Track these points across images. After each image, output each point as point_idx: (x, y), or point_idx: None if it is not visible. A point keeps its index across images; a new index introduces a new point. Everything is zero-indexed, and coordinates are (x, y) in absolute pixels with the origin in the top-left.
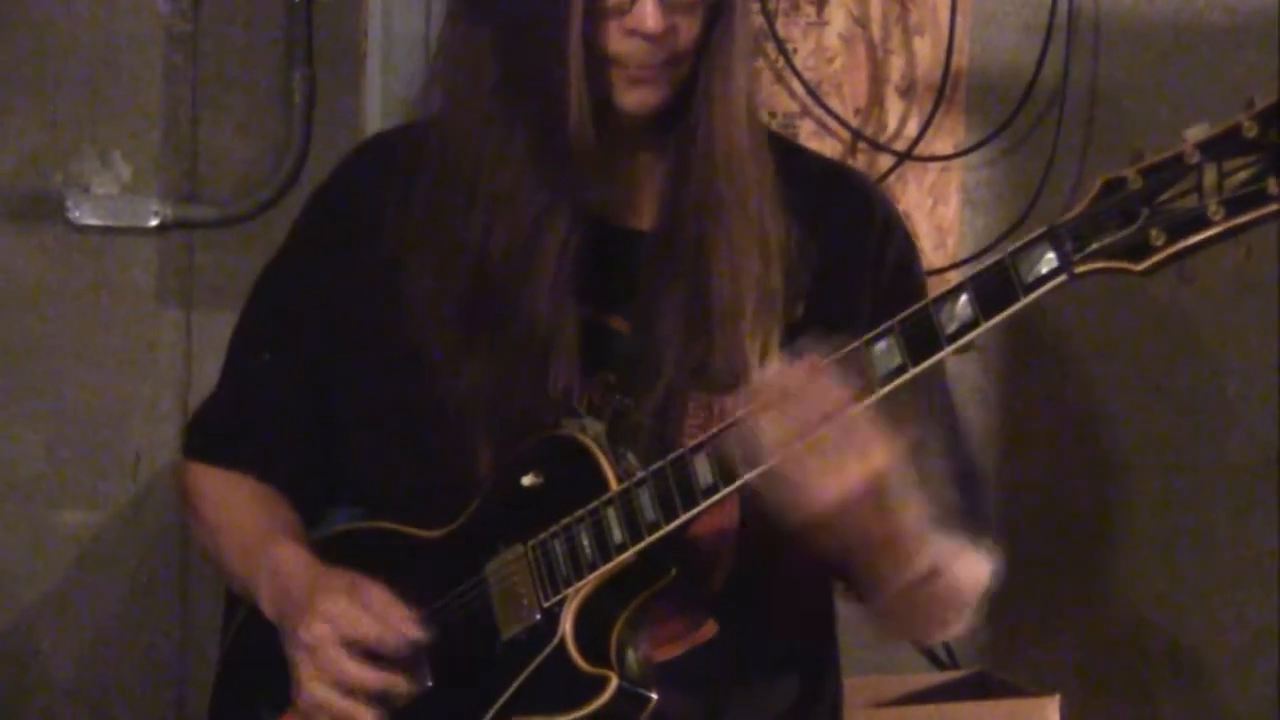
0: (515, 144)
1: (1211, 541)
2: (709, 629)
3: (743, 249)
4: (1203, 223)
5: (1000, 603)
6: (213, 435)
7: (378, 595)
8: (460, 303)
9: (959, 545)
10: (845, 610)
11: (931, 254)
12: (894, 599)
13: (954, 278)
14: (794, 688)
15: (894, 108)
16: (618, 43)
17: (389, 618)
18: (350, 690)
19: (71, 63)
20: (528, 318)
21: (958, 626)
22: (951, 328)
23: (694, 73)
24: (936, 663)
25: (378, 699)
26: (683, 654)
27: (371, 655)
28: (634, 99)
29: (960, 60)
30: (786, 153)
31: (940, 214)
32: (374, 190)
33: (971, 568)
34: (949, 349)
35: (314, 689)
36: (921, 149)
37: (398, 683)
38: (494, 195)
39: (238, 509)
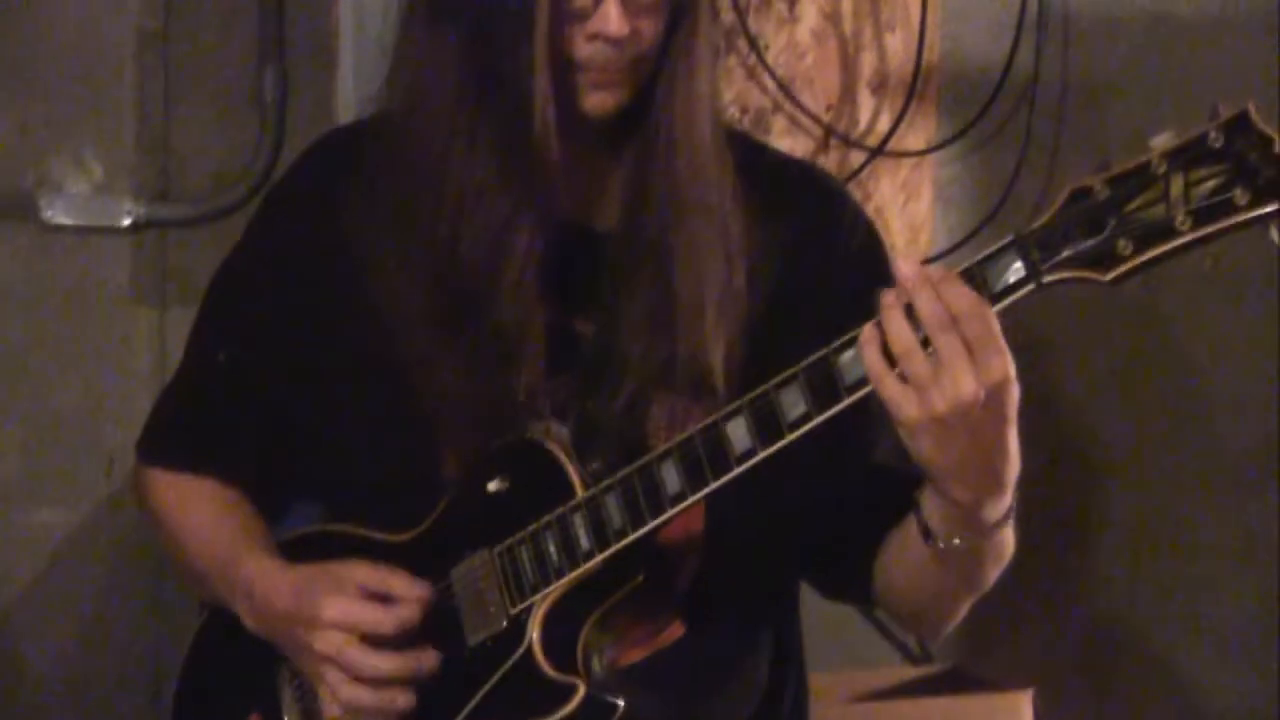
0: (480, 148)
1: (1186, 538)
2: (675, 631)
3: (705, 249)
4: (1170, 233)
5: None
6: (171, 441)
7: (367, 575)
8: (429, 305)
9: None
10: (819, 605)
11: (904, 249)
12: (952, 550)
13: None
14: (760, 685)
15: (866, 103)
16: (581, 47)
17: (392, 585)
18: (384, 682)
19: (43, 62)
20: (495, 321)
21: (964, 610)
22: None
23: (656, 74)
24: (910, 657)
25: (410, 679)
26: (649, 656)
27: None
28: (595, 101)
29: (931, 56)
30: (750, 151)
31: (913, 210)
32: (332, 187)
33: (1010, 538)
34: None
35: (349, 693)
36: (894, 145)
37: (422, 657)
38: (461, 199)
39: (203, 520)
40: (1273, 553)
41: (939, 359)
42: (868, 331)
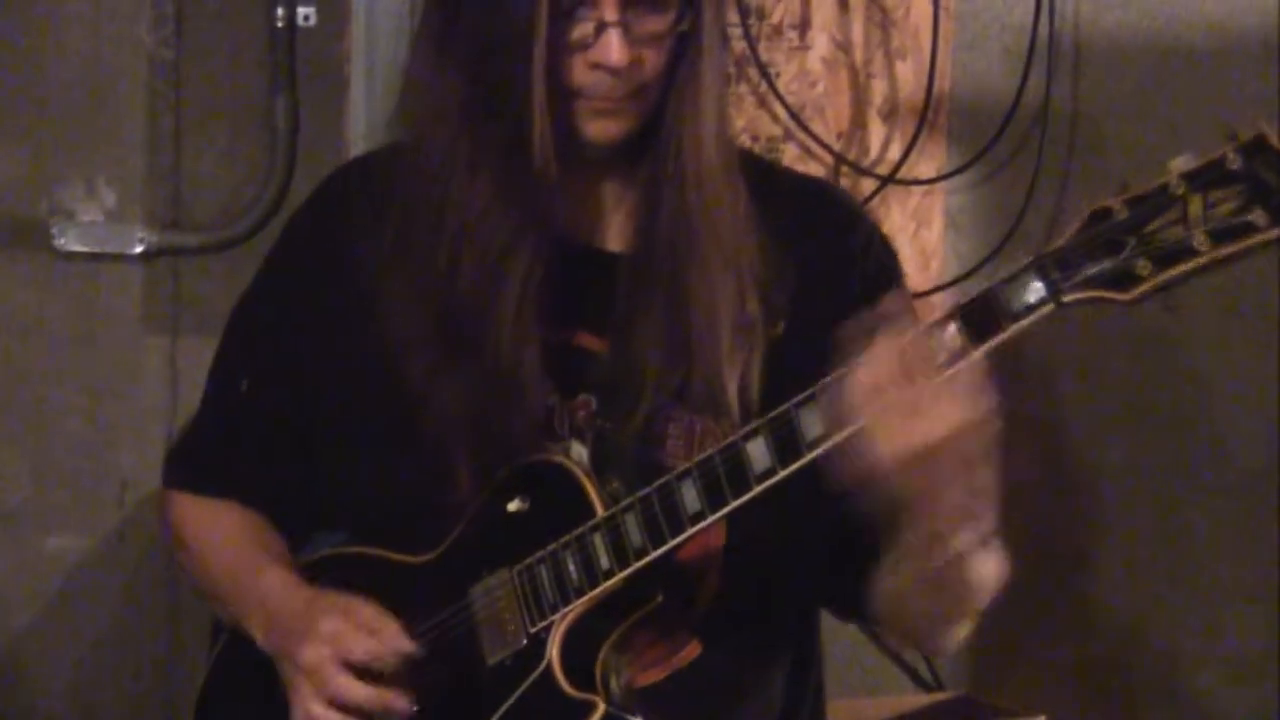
0: (480, 175)
1: (1199, 562)
2: (692, 651)
3: (717, 274)
4: (1189, 253)
5: (986, 624)
6: (194, 464)
7: (370, 614)
8: (431, 331)
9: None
10: (834, 633)
11: (916, 277)
12: (928, 578)
13: (938, 301)
14: (778, 704)
15: (877, 132)
16: (582, 75)
17: (383, 635)
18: (348, 709)
19: (56, 90)
20: (493, 347)
21: (963, 631)
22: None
23: (663, 101)
24: (922, 685)
25: (375, 717)
26: (666, 677)
27: (369, 674)
28: (598, 129)
29: (942, 84)
30: (763, 172)
31: (924, 238)
32: (349, 216)
33: (994, 563)
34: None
35: (313, 709)
36: (904, 173)
37: (394, 699)
38: (460, 225)
39: (223, 538)
40: None
41: (923, 390)
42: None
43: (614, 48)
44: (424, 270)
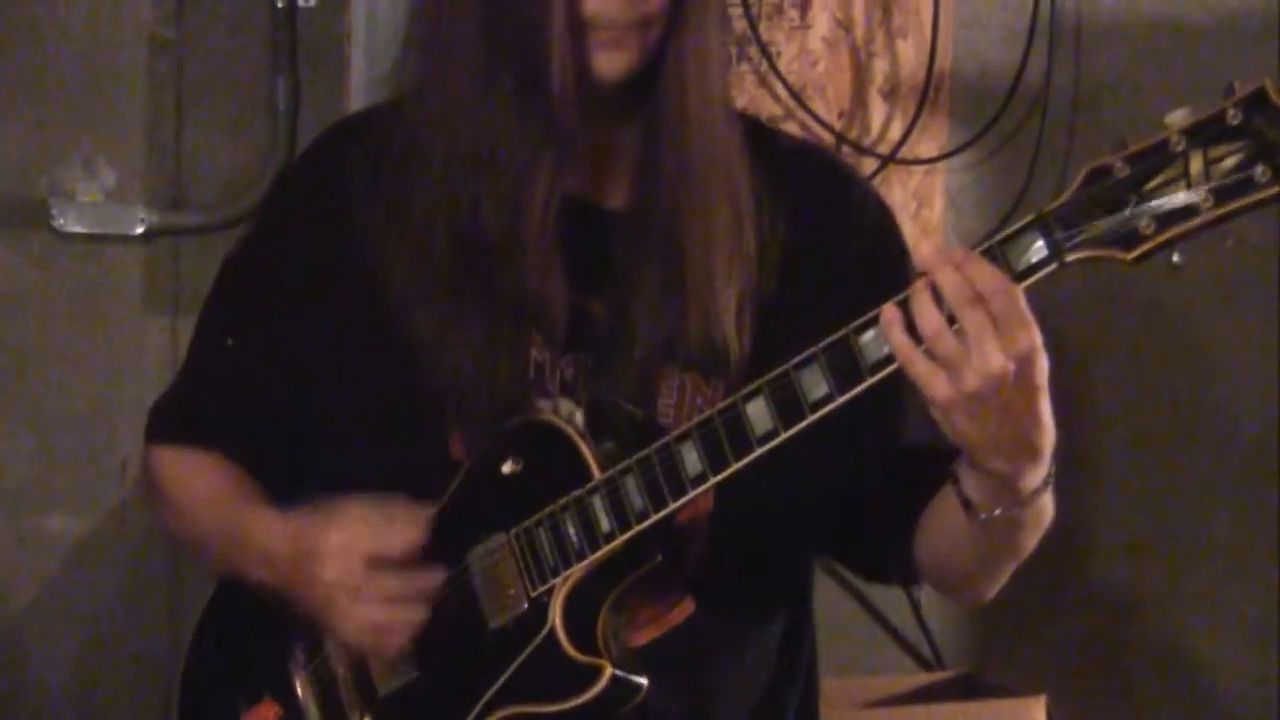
0: (496, 109)
1: (1201, 540)
2: (686, 609)
3: (716, 213)
4: (1192, 210)
5: (987, 602)
6: (176, 416)
7: (365, 509)
8: (444, 272)
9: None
10: (833, 612)
11: (915, 257)
12: (994, 520)
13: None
14: (771, 664)
15: (878, 111)
16: (589, 3)
17: (394, 519)
18: (394, 600)
19: (56, 70)
20: (518, 283)
21: (1010, 570)
22: (945, 313)
23: (665, 41)
24: (923, 663)
25: (419, 601)
26: (660, 636)
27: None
28: (604, 62)
29: (943, 63)
30: (757, 132)
31: (925, 217)
32: (344, 170)
33: (1049, 505)
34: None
35: (360, 613)
36: (905, 152)
37: (435, 573)
38: (476, 159)
39: (208, 487)
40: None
41: (966, 336)
42: (890, 312)
43: None
44: (433, 214)
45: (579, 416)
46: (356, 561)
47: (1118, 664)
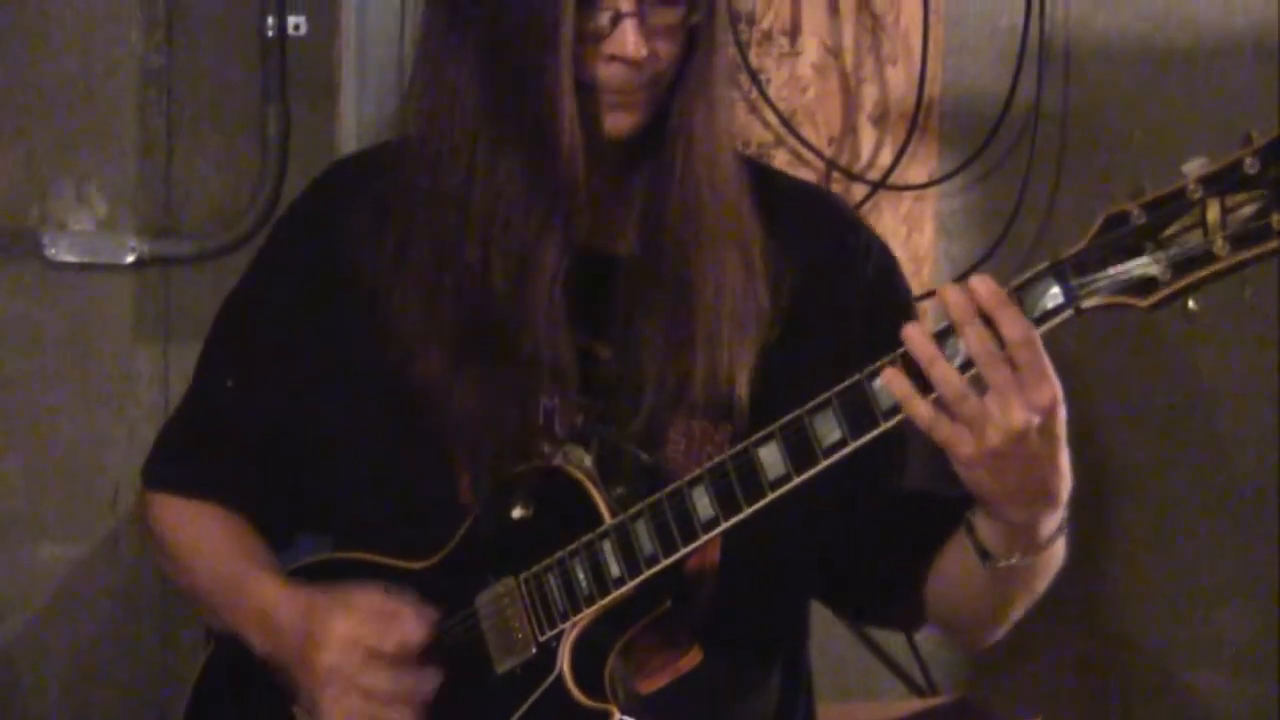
0: (506, 172)
1: (1197, 562)
2: (693, 658)
3: (725, 265)
4: (1209, 258)
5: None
6: (177, 464)
7: (377, 601)
8: (453, 327)
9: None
10: (827, 637)
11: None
12: (1008, 567)
13: (929, 306)
14: (773, 710)
15: (868, 137)
16: (598, 68)
17: (401, 618)
18: (383, 698)
19: (47, 99)
20: (528, 346)
21: (1022, 611)
22: (958, 361)
23: (673, 95)
24: (916, 689)
25: (409, 699)
26: (668, 684)
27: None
28: (613, 123)
29: (933, 89)
30: (762, 176)
31: (915, 242)
32: (342, 213)
33: (1061, 548)
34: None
35: (350, 703)
36: (895, 178)
37: (427, 677)
38: (488, 223)
39: (210, 546)
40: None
41: (990, 393)
42: (899, 382)
43: (630, 38)
44: (441, 270)
45: (588, 462)
46: (357, 655)
47: (1112, 690)
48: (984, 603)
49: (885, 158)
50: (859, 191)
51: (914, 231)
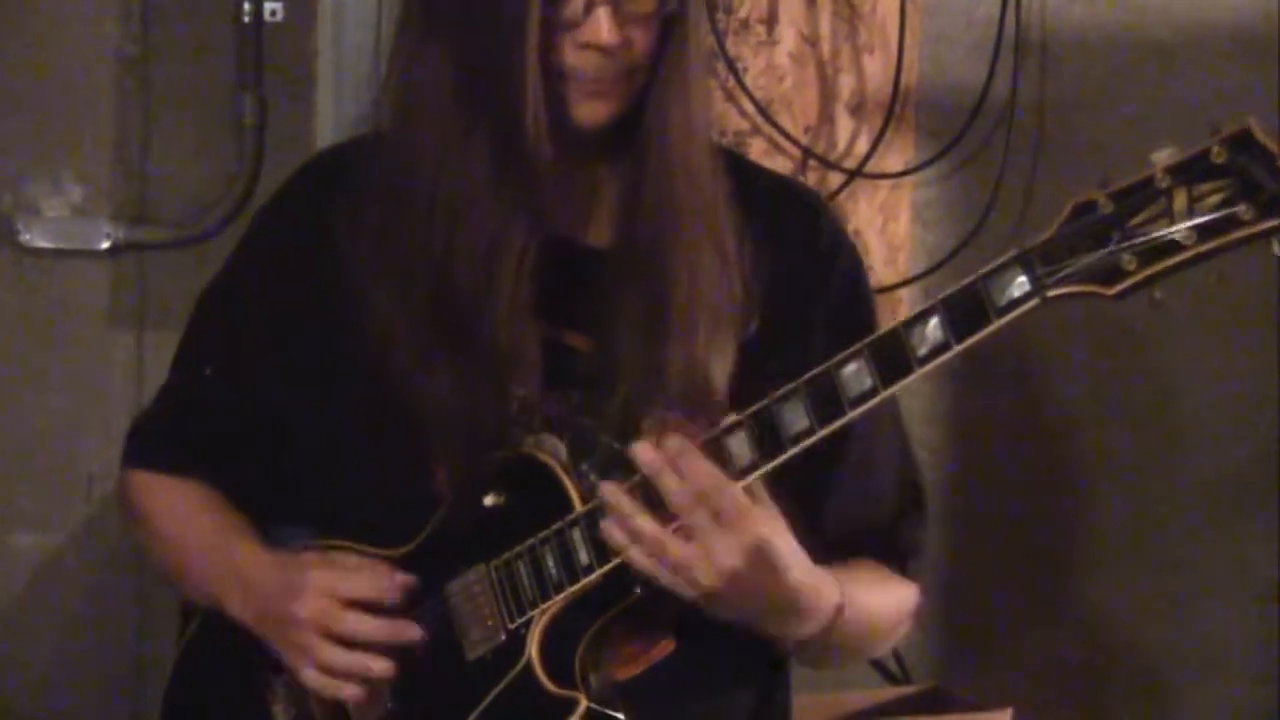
0: (473, 158)
1: (1169, 558)
2: (667, 646)
3: (702, 258)
4: (1175, 247)
5: (955, 617)
6: (156, 443)
7: (353, 557)
8: (421, 317)
9: (872, 576)
10: None
11: (883, 271)
12: (806, 644)
13: (905, 294)
14: (750, 701)
15: (844, 126)
16: (571, 56)
17: (376, 569)
18: (362, 645)
19: (21, 85)
20: (489, 334)
21: (884, 649)
22: (922, 350)
23: (648, 85)
24: (890, 678)
25: (385, 645)
26: (642, 672)
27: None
28: (587, 111)
29: (910, 78)
30: (736, 167)
31: (891, 231)
32: (322, 204)
33: (888, 596)
34: (920, 371)
35: (324, 654)
36: (872, 166)
37: (403, 627)
38: (453, 209)
39: (188, 514)
40: (1262, 571)
41: (695, 540)
42: (616, 532)
43: (604, 26)
44: (412, 258)
45: (562, 451)
46: (334, 601)
47: (1086, 680)
48: (810, 653)
49: (861, 146)
50: (835, 180)
51: (890, 220)
